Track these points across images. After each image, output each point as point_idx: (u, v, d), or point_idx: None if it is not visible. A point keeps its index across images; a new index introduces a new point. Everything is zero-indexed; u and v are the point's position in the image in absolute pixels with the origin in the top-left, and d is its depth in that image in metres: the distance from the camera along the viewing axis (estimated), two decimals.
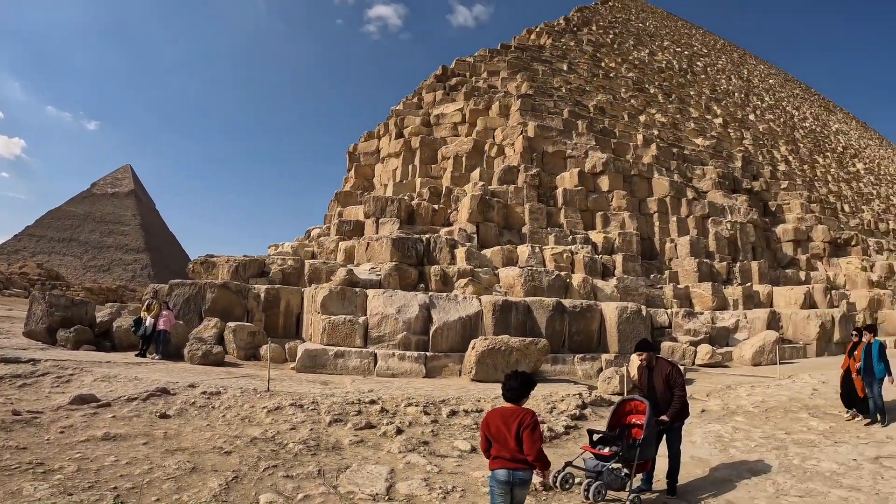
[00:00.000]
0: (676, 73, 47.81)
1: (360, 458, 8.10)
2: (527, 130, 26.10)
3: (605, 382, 14.13)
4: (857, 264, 33.75)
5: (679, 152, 31.60)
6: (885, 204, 52.47)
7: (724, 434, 11.25)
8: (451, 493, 7.11)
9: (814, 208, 35.92)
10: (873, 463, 9.47)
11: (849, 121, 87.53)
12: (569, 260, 21.45)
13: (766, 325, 23.28)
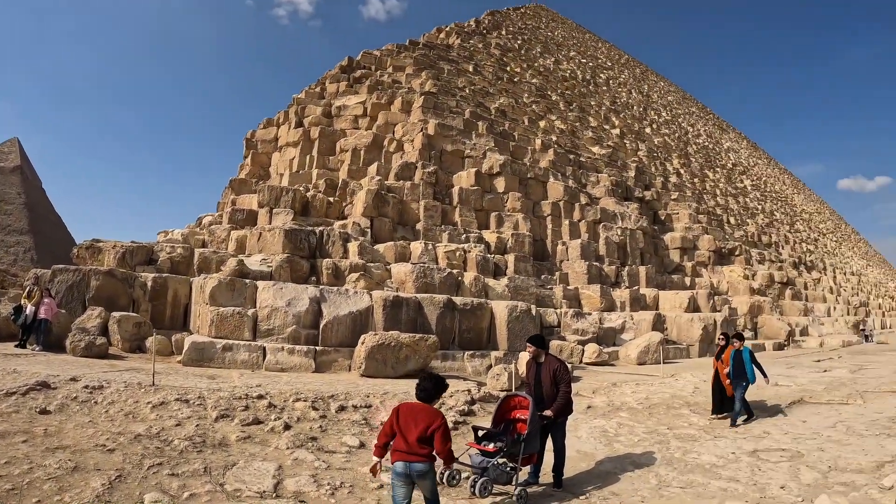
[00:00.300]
0: (579, 82, 49.11)
1: (248, 454, 7.86)
2: (427, 128, 26.12)
3: (493, 379, 14.22)
4: (739, 272, 35.95)
5: (575, 159, 32.49)
6: (768, 218, 55.88)
7: (609, 429, 11.56)
8: (340, 490, 7.04)
9: (701, 219, 37.89)
10: (751, 456, 9.91)
11: (740, 140, 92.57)
12: (461, 258, 21.52)
13: (652, 326, 24.33)
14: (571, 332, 21.84)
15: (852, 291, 59.23)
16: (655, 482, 8.58)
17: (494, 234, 24.33)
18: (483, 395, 12.63)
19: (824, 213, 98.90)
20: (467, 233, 23.58)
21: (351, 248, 19.38)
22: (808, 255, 55.66)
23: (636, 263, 29.76)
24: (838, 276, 59.35)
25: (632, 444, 10.56)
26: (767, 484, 8.53)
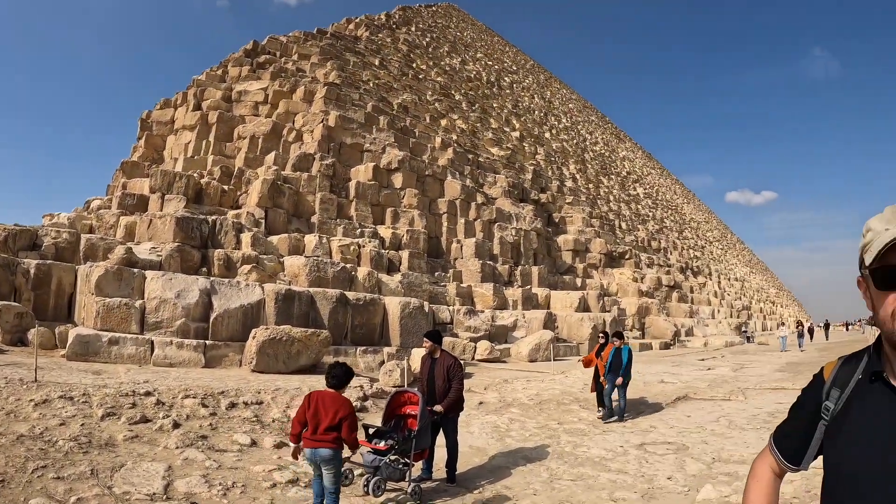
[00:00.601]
0: (484, 84, 49.64)
1: (136, 454, 7.53)
2: (328, 119, 25.75)
3: (386, 375, 14.34)
4: (629, 275, 37.54)
5: (474, 159, 32.89)
6: (659, 225, 58.43)
7: (501, 424, 11.84)
8: (232, 490, 6.89)
9: (594, 223, 39.25)
10: (639, 449, 10.33)
11: (636, 150, 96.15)
12: (356, 253, 21.40)
13: (543, 324, 25.05)
14: (464, 330, 22.16)
15: (735, 296, 63.01)
16: (547, 475, 8.82)
17: (390, 230, 24.29)
18: (375, 392, 12.70)
19: (712, 223, 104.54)
20: (363, 227, 23.43)
21: (244, 239, 18.85)
22: (695, 261, 58.79)
23: (529, 263, 30.51)
24: (723, 282, 62.98)
25: (523, 439, 10.84)
26: (655, 475, 8.88)
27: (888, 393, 1.71)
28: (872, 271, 1.67)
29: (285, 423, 9.59)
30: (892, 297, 1.63)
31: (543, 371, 18.74)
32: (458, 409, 8.68)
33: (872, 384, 1.75)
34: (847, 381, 1.84)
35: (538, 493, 8.10)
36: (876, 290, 1.68)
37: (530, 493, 8.06)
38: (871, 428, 1.69)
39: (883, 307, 1.66)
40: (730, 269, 77.36)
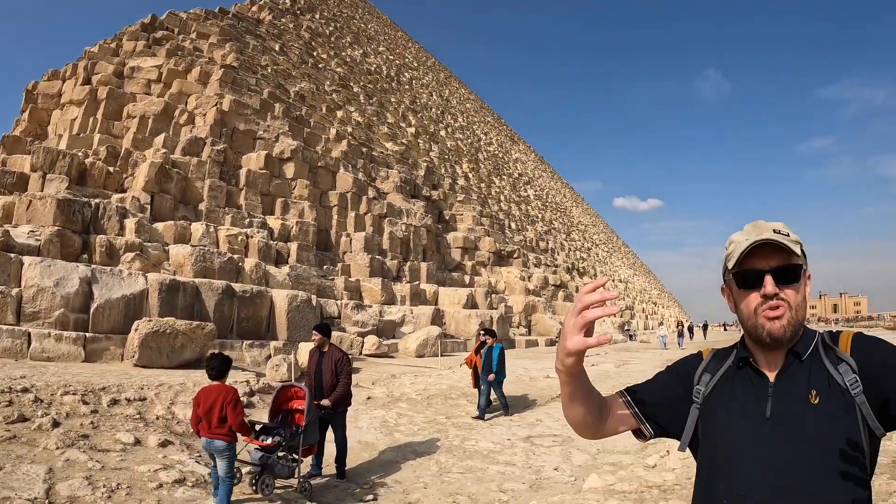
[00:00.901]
0: (383, 78, 49.31)
1: (14, 456, 7.12)
2: (222, 103, 24.96)
3: (273, 370, 14.24)
4: (517, 274, 38.57)
5: (368, 152, 32.75)
6: (547, 227, 60.10)
7: (390, 419, 12.04)
8: (117, 492, 6.72)
9: (484, 222, 39.98)
10: (526, 442, 10.81)
11: (528, 153, 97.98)
12: (243, 243, 20.93)
13: (431, 320, 25.43)
14: (352, 324, 22.26)
15: (619, 296, 65.55)
16: (437, 469, 9.11)
17: (279, 221, 23.89)
18: (262, 387, 12.66)
19: (599, 226, 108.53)
20: (251, 217, 22.90)
21: (128, 225, 17.97)
22: (581, 262, 60.95)
23: (419, 259, 30.79)
24: (608, 283, 65.44)
25: (412, 434, 11.09)
26: (542, 466, 9.34)
27: (754, 376, 1.93)
28: (734, 274, 1.93)
29: (169, 421, 9.49)
30: (751, 296, 1.88)
31: (431, 366, 19.12)
32: (346, 403, 8.79)
33: (740, 370, 1.97)
34: (717, 368, 2.03)
35: (428, 486, 8.36)
36: (738, 290, 1.93)
37: (420, 487, 8.31)
38: (740, 408, 1.90)
39: (745, 304, 1.90)
40: (615, 270, 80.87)
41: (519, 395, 15.50)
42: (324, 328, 9.05)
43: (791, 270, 1.86)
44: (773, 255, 1.86)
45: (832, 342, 1.93)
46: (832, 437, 1.77)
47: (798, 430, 1.80)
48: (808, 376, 1.87)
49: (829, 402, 1.81)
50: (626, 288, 77.35)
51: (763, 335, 1.85)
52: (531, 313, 36.92)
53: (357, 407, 12.32)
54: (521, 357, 24.21)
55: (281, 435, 7.50)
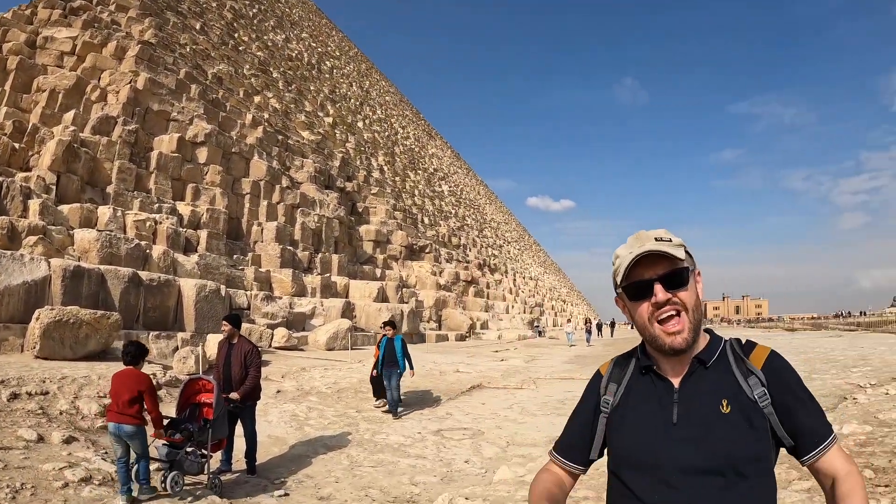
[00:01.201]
0: (304, 65, 48.49)
1: None
2: (137, 81, 23.98)
3: (180, 362, 13.97)
4: (428, 268, 38.96)
5: (284, 140, 32.30)
6: (460, 223, 60.62)
7: (300, 413, 11.99)
8: (22, 492, 6.46)
9: (397, 215, 40.14)
10: (436, 435, 10.99)
11: (445, 148, 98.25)
12: (151, 229, 20.27)
13: (341, 313, 25.50)
14: (261, 316, 22.04)
15: (529, 293, 67.27)
16: (348, 463, 9.16)
17: (189, 207, 23.21)
18: (169, 380, 12.40)
19: (511, 224, 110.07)
20: (161, 203, 22.12)
21: (32, 207, 17.07)
22: (492, 259, 61.83)
23: (330, 251, 30.72)
24: (518, 280, 66.93)
25: (322, 428, 11.09)
26: (453, 459, 9.51)
27: (658, 382, 1.96)
28: (624, 288, 1.96)
29: (74, 416, 9.26)
30: (643, 305, 1.91)
31: (341, 360, 19.09)
32: (255, 396, 8.71)
33: (643, 376, 1.99)
34: (621, 377, 2.05)
35: (340, 480, 8.39)
36: (630, 302, 1.96)
37: (332, 481, 8.34)
38: (646, 414, 1.92)
39: (639, 315, 1.93)
40: (525, 268, 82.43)
41: (429, 389, 15.75)
42: (234, 319, 8.93)
43: (678, 275, 1.90)
44: (658, 263, 1.89)
45: (743, 352, 1.97)
46: (742, 446, 1.81)
47: (707, 436, 1.82)
48: (716, 384, 1.90)
49: (739, 412, 1.84)
50: (536, 286, 79.11)
51: (665, 348, 1.89)
52: (442, 308, 37.43)
53: (266, 401, 12.21)
54: (431, 351, 24.57)
55: (189, 429, 7.38)
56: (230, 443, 8.45)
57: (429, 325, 35.10)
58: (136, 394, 6.70)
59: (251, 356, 8.58)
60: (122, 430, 6.55)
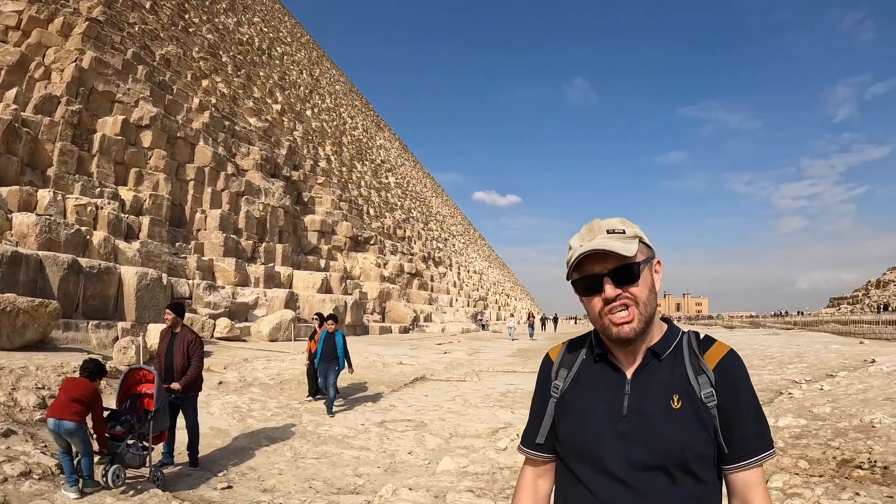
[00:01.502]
0: (254, 50, 47.68)
1: None
2: (82, 60, 23.15)
3: (120, 353, 13.77)
4: (373, 260, 39.07)
5: (230, 126, 31.84)
6: (405, 215, 60.64)
7: (242, 405, 11.97)
8: None
9: (343, 206, 40.06)
10: (380, 427, 11.10)
11: (393, 140, 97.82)
12: (92, 215, 19.72)
13: (285, 304, 25.47)
14: (203, 305, 21.86)
15: (473, 287, 67.80)
16: (291, 455, 9.21)
17: (132, 193, 22.62)
18: (109, 371, 12.09)
19: (457, 217, 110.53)
20: (103, 187, 21.50)
21: None
22: (437, 252, 62.08)
23: (274, 241, 30.53)
24: (462, 273, 67.41)
25: (265, 419, 11.10)
26: (396, 450, 9.64)
27: (611, 371, 1.91)
28: (574, 282, 1.91)
29: (11, 408, 9.12)
30: (595, 300, 1.85)
31: (284, 351, 19.13)
32: (196, 388, 8.66)
33: (596, 364, 1.94)
34: (573, 362, 2.00)
35: (283, 472, 8.43)
36: (581, 296, 1.92)
37: (276, 473, 8.37)
38: (594, 403, 1.87)
39: (591, 309, 1.88)
40: (470, 261, 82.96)
41: (372, 381, 15.92)
42: (177, 307, 8.76)
43: (628, 270, 1.83)
44: (609, 256, 1.82)
45: (699, 349, 1.91)
46: (686, 444, 1.77)
47: (656, 431, 1.78)
48: (669, 378, 1.85)
49: (690, 409, 1.80)
50: (480, 279, 79.80)
51: (613, 338, 1.84)
52: (386, 300, 37.59)
53: (209, 392, 12.21)
54: (374, 343, 24.75)
55: (130, 421, 7.27)
56: (171, 435, 8.35)
57: (372, 316, 35.24)
58: (83, 398, 6.63)
59: (194, 346, 8.48)
60: (62, 426, 6.45)
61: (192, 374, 8.39)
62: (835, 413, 10.98)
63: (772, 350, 24.38)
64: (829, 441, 9.10)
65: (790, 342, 31.23)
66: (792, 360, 20.50)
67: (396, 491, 7.09)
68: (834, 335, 43.78)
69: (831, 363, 19.45)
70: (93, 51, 23.94)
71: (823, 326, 58.84)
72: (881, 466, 7.49)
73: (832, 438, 9.25)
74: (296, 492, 7.74)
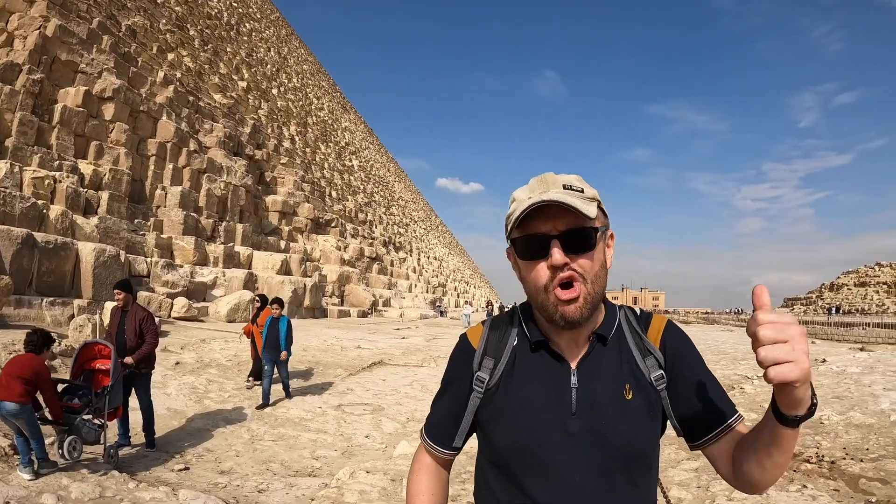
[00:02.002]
0: (223, 24, 46.82)
1: None
2: (46, 27, 22.44)
3: (76, 331, 13.56)
4: (333, 243, 39.04)
5: (195, 102, 31.39)
6: (368, 199, 60.50)
7: (199, 386, 11.95)
8: None
9: (305, 187, 39.85)
10: (337, 410, 11.24)
11: (358, 123, 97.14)
12: (50, 188, 19.27)
13: (244, 284, 25.38)
14: (161, 284, 21.63)
15: (433, 273, 68.02)
16: (248, 436, 9.31)
17: (91, 166, 22.13)
18: (64, 349, 12.10)
19: (419, 203, 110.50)
20: (62, 160, 20.97)
21: None
22: (398, 237, 62.20)
23: (235, 220, 30.28)
24: (423, 259, 67.55)
25: (222, 401, 11.14)
26: (354, 434, 9.79)
27: (553, 361, 1.65)
28: (514, 241, 1.60)
29: None
30: (538, 265, 1.54)
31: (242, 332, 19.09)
32: (150, 364, 8.49)
33: (534, 353, 1.67)
34: (501, 349, 1.70)
35: (241, 454, 8.52)
36: (521, 260, 1.60)
37: (233, 455, 8.45)
38: (536, 400, 1.61)
39: (531, 277, 1.57)
40: (430, 248, 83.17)
41: (330, 364, 16.04)
42: (125, 285, 8.52)
43: (583, 235, 1.54)
44: (562, 216, 1.53)
45: (640, 327, 1.72)
46: (641, 438, 1.61)
47: (610, 428, 1.58)
48: (618, 366, 1.65)
49: (642, 399, 1.62)
50: (440, 266, 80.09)
51: (556, 318, 1.54)
52: (345, 283, 37.60)
53: (165, 372, 12.23)
54: (333, 327, 24.82)
55: (87, 395, 7.25)
56: (125, 415, 8.29)
57: (331, 300, 35.24)
58: (27, 377, 6.47)
59: (146, 323, 8.32)
60: (4, 407, 6.30)
61: (146, 350, 8.23)
62: None
63: (726, 346, 25.10)
64: None
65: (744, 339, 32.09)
66: (745, 356, 21.12)
67: (354, 474, 7.23)
68: None
69: None
70: (58, 18, 23.26)
71: None
72: (829, 461, 7.96)
73: None
74: (253, 474, 7.86)
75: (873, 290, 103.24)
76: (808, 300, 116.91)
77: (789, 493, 6.77)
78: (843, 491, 6.79)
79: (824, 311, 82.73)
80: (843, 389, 12.58)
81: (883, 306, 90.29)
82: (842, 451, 8.37)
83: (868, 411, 10.37)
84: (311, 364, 15.59)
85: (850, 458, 7.97)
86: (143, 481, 6.95)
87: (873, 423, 9.63)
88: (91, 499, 6.19)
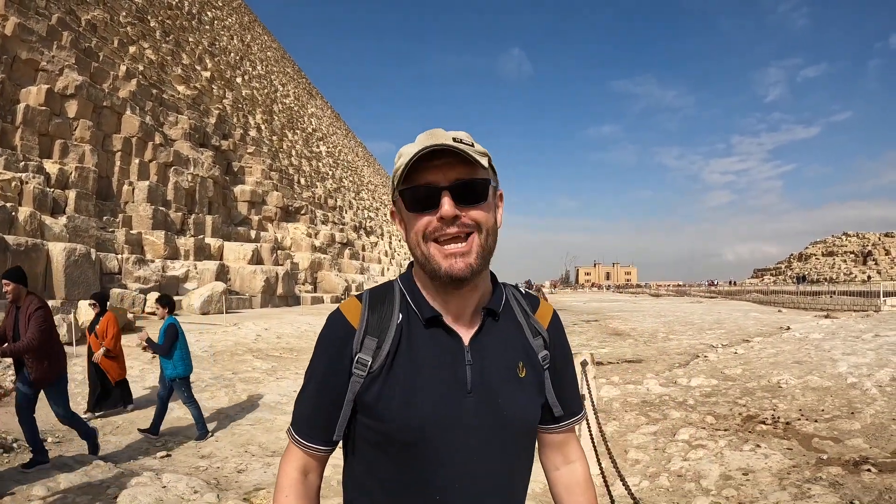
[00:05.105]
0: (184, 14, 46.17)
1: None
2: (5, 26, 22.20)
3: None
4: (304, 230, 39.23)
5: (158, 94, 31.19)
6: (337, 184, 60.48)
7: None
8: None
9: (273, 176, 39.88)
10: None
11: (325, 109, 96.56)
12: (17, 190, 19.22)
13: (216, 276, 25.58)
14: (133, 280, 21.78)
15: (405, 256, 68.19)
16: (227, 422, 9.69)
17: (57, 165, 22.04)
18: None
19: (389, 187, 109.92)
20: (27, 161, 20.85)
21: None
22: (369, 222, 62.31)
23: (204, 212, 30.36)
24: (395, 243, 67.75)
25: (200, 390, 11.33)
26: None
27: (445, 336, 1.57)
28: (402, 193, 1.54)
29: None
30: (426, 218, 1.49)
31: (216, 323, 19.39)
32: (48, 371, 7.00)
33: (425, 330, 1.57)
34: (385, 327, 1.57)
35: (220, 439, 8.91)
36: (408, 213, 1.54)
37: (212, 440, 8.84)
38: (428, 378, 1.51)
39: (414, 231, 1.53)
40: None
41: (305, 349, 16.45)
42: (12, 275, 7.04)
43: (476, 186, 1.50)
44: (452, 168, 1.49)
45: (528, 306, 1.72)
46: (533, 414, 1.62)
47: (506, 406, 1.54)
48: (510, 342, 1.62)
49: (534, 377, 1.62)
50: None
51: (440, 274, 1.49)
52: (317, 270, 37.89)
53: (143, 366, 12.73)
54: (306, 314, 25.11)
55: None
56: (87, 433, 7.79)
57: (304, 287, 35.54)
58: None
59: (35, 317, 6.78)
60: None
61: (20, 347, 6.64)
62: (745, 374, 12.27)
63: (693, 317, 25.81)
64: (736, 399, 10.26)
65: (712, 310, 33.00)
66: (712, 326, 21.90)
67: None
68: (755, 304, 46.59)
69: (749, 330, 21.05)
70: (16, 17, 22.92)
71: (746, 296, 61.81)
72: (784, 422, 8.60)
73: (740, 397, 10.44)
74: (232, 456, 8.23)
75: (840, 260, 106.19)
76: (778, 270, 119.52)
77: (743, 452, 7.31)
78: (795, 449, 7.33)
79: (793, 280, 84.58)
80: (804, 355, 13.30)
81: (851, 275, 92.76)
82: (797, 412, 9.01)
83: (826, 375, 11.11)
84: (286, 350, 16.00)
85: (804, 419, 8.62)
86: (128, 469, 7.25)
87: (830, 386, 10.35)
88: (77, 485, 6.46)
